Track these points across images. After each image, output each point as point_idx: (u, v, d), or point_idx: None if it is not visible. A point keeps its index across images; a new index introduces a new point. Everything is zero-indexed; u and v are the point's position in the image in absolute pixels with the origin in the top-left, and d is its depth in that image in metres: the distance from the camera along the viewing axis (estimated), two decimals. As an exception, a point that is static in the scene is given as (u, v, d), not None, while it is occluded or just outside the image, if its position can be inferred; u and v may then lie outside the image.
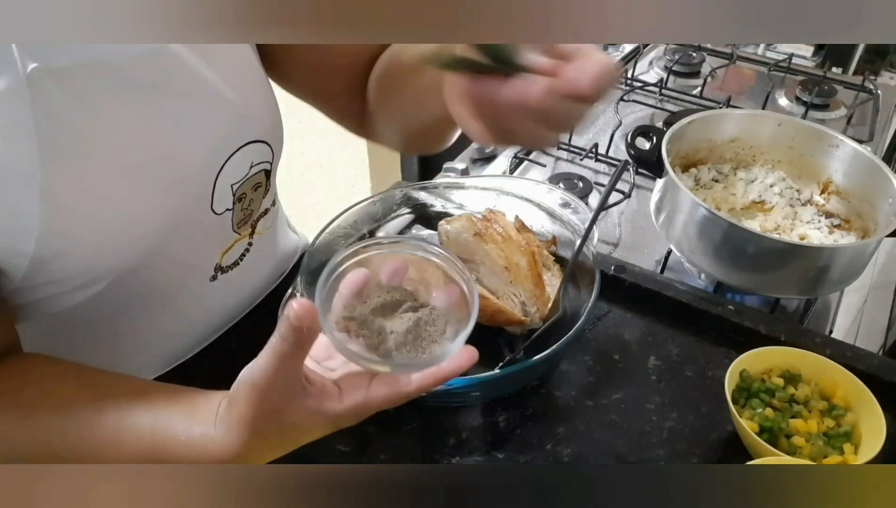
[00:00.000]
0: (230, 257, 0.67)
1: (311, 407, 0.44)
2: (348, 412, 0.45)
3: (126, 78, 0.51)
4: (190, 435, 0.47)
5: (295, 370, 0.43)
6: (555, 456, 0.62)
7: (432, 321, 0.48)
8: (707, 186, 0.89)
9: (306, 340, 0.41)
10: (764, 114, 0.92)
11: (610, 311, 0.76)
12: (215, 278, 0.66)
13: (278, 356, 0.41)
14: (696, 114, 0.85)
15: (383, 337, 0.47)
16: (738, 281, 0.76)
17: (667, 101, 1.24)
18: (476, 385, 0.61)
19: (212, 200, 0.60)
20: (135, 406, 0.50)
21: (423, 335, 0.47)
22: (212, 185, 0.59)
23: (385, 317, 0.48)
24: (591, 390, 0.68)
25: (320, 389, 0.44)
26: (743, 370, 0.64)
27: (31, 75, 0.45)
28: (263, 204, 0.68)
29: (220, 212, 0.62)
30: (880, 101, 1.27)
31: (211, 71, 0.57)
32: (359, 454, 0.62)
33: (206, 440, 0.46)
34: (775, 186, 0.88)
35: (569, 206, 0.78)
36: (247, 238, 0.68)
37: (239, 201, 0.63)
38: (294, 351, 0.41)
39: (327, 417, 0.44)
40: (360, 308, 0.47)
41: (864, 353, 0.69)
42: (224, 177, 0.60)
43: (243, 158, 0.61)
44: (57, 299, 0.54)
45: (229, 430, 0.45)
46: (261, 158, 0.64)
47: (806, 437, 0.60)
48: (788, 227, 0.84)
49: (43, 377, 0.53)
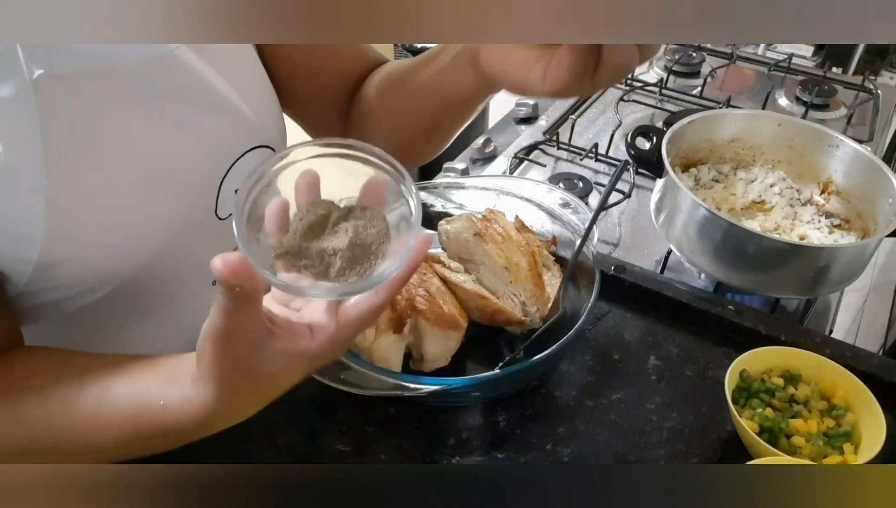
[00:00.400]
0: None
1: (282, 349, 0.42)
2: (324, 347, 0.43)
3: (131, 84, 0.51)
4: (168, 399, 0.45)
5: (252, 318, 0.41)
6: (555, 456, 0.62)
7: (371, 222, 0.44)
8: (707, 187, 0.89)
9: (250, 293, 0.39)
10: (764, 114, 0.92)
11: (610, 311, 0.76)
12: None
13: (224, 312, 0.40)
14: (696, 114, 0.85)
15: (328, 260, 0.43)
16: (738, 281, 0.76)
17: (667, 101, 1.24)
18: (476, 385, 0.61)
19: (216, 205, 0.60)
20: (114, 380, 0.48)
21: (369, 241, 0.43)
22: (216, 190, 0.60)
23: (319, 238, 0.43)
24: (591, 390, 0.68)
25: (288, 330, 0.43)
26: (743, 370, 0.64)
27: (37, 82, 0.45)
28: None
29: (224, 217, 0.62)
30: (880, 101, 1.27)
31: (216, 76, 0.57)
32: (359, 454, 0.62)
33: (185, 401, 0.45)
34: (775, 186, 0.88)
35: (569, 206, 0.78)
36: None
37: None
38: (240, 304, 0.39)
39: (303, 356, 0.43)
40: (287, 239, 0.43)
41: (864, 353, 0.69)
42: (228, 182, 0.60)
43: (248, 164, 0.62)
44: (60, 303, 0.54)
45: (205, 386, 0.43)
46: None
47: (806, 437, 0.60)
48: (788, 227, 0.84)
49: (30, 362, 0.52)
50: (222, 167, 0.59)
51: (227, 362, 0.42)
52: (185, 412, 0.45)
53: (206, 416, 0.44)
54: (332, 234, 0.43)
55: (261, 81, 0.64)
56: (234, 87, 0.59)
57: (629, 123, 1.17)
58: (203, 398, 0.44)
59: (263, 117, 0.63)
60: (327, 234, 0.44)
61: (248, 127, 0.61)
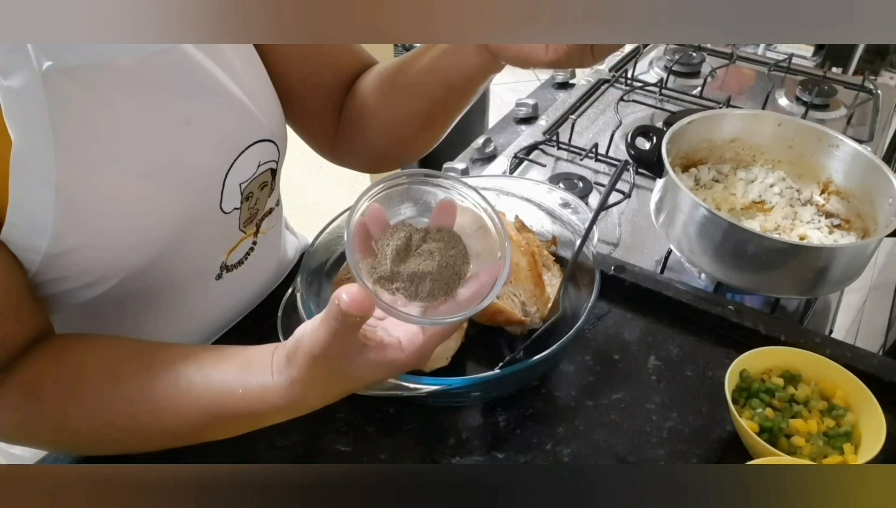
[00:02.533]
0: (235, 255, 0.67)
1: (374, 360, 0.46)
2: (413, 357, 0.47)
3: (137, 77, 0.52)
4: (248, 387, 0.49)
5: (350, 339, 0.44)
6: (555, 456, 0.62)
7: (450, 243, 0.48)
8: (707, 187, 0.89)
9: (357, 324, 0.43)
10: (764, 114, 0.92)
11: (610, 311, 0.76)
12: (220, 276, 0.67)
13: (333, 334, 0.43)
14: (696, 114, 0.85)
15: (417, 282, 0.47)
16: (738, 281, 0.76)
17: (667, 101, 1.24)
18: (476, 385, 0.61)
19: (221, 198, 0.61)
20: (185, 367, 0.51)
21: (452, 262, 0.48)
22: (221, 184, 0.60)
23: (406, 261, 0.47)
24: (591, 390, 0.68)
25: (379, 343, 0.46)
26: (743, 370, 0.64)
27: (46, 73, 0.46)
28: (268, 203, 0.69)
29: (229, 211, 0.62)
30: (880, 101, 1.27)
31: (220, 71, 0.58)
32: (359, 454, 0.62)
33: (265, 390, 0.48)
34: (775, 186, 0.88)
35: (569, 206, 0.78)
36: (251, 237, 0.68)
37: (246, 199, 0.64)
38: (350, 330, 0.43)
39: (392, 365, 0.47)
40: (380, 264, 0.47)
41: (864, 353, 0.69)
42: (233, 176, 0.61)
43: (251, 157, 0.62)
44: (65, 296, 0.55)
45: (291, 384, 0.47)
46: (268, 158, 0.64)
47: (806, 437, 0.60)
48: (788, 227, 0.84)
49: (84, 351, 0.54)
50: (227, 161, 0.60)
51: (320, 372, 0.46)
52: (264, 400, 0.49)
53: (286, 406, 0.48)
54: (418, 256, 0.47)
55: (262, 76, 0.65)
56: (236, 81, 0.59)
57: (629, 123, 1.17)
58: (287, 392, 0.48)
59: (265, 112, 0.63)
60: (413, 256, 0.47)
61: (252, 121, 0.61)
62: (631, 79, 1.29)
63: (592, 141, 1.09)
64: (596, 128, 1.18)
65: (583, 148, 1.08)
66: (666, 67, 1.32)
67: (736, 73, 1.37)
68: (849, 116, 1.21)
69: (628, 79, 1.29)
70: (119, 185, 0.52)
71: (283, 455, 0.62)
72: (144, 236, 0.55)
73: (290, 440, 0.63)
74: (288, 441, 0.63)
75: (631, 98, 1.24)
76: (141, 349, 0.54)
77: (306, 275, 0.67)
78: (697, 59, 1.36)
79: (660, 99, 1.25)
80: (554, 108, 1.21)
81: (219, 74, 0.58)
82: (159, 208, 0.55)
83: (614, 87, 1.28)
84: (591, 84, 1.28)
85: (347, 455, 0.62)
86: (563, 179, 1.01)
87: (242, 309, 0.74)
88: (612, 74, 1.30)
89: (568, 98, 1.24)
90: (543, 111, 1.21)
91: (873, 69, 2.05)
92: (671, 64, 1.31)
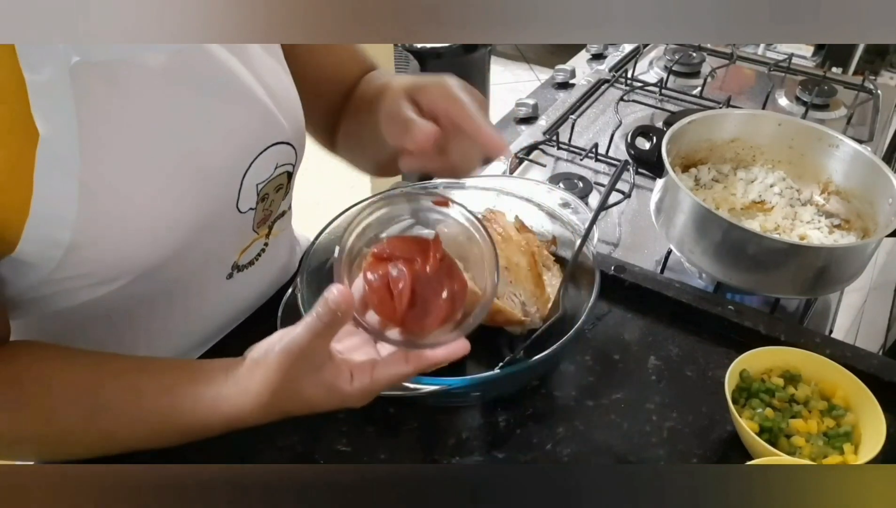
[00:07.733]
0: (247, 256, 0.68)
1: (326, 382, 0.48)
2: (356, 393, 0.49)
3: (162, 74, 0.53)
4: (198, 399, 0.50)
5: (324, 345, 0.47)
6: (555, 456, 0.62)
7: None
8: (707, 187, 0.89)
9: (339, 322, 0.46)
10: (764, 114, 0.92)
11: (610, 311, 0.76)
12: (231, 275, 0.67)
13: (312, 332, 0.46)
14: (696, 114, 0.85)
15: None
16: (738, 281, 0.76)
17: (667, 101, 1.24)
18: (476, 385, 0.61)
19: (238, 197, 0.61)
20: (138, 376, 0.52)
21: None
22: (239, 183, 0.61)
23: None
24: (591, 390, 0.68)
25: (337, 367, 0.48)
26: (743, 370, 0.64)
27: (74, 68, 0.47)
28: (282, 206, 0.69)
29: (245, 211, 0.63)
30: (880, 101, 1.27)
31: (244, 71, 0.59)
32: (359, 454, 0.62)
33: (219, 400, 0.49)
34: (775, 186, 0.88)
35: (569, 206, 0.78)
36: (263, 238, 0.69)
37: (262, 200, 0.65)
38: (326, 330, 0.46)
39: (339, 394, 0.49)
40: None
41: (864, 353, 0.69)
42: (250, 176, 0.61)
43: (269, 159, 0.62)
44: (81, 291, 0.55)
45: (246, 391, 0.48)
46: (285, 160, 0.65)
47: (806, 437, 0.60)
48: (788, 227, 0.84)
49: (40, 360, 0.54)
50: (245, 160, 0.61)
51: (288, 375, 0.47)
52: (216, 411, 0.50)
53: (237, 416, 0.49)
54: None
55: (285, 78, 0.65)
56: (260, 82, 0.60)
57: (629, 123, 1.17)
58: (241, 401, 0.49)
59: (287, 115, 0.64)
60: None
61: (273, 123, 0.62)
62: (631, 79, 1.29)
63: (592, 141, 1.09)
64: (596, 128, 1.17)
65: (583, 148, 1.08)
66: (666, 66, 1.32)
67: (736, 73, 1.37)
68: (849, 116, 1.21)
69: (628, 79, 1.29)
70: (140, 179, 0.53)
71: (283, 455, 0.62)
72: (162, 230, 0.55)
73: (290, 440, 0.63)
74: (288, 441, 0.63)
75: (631, 98, 1.24)
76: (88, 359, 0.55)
77: (306, 275, 0.67)
78: (697, 59, 1.36)
79: (660, 99, 1.24)
80: (554, 108, 1.21)
81: (243, 74, 0.58)
82: (178, 204, 0.56)
83: (614, 87, 1.28)
84: (591, 84, 1.28)
85: (347, 455, 0.62)
86: (563, 179, 1.01)
87: (247, 310, 0.74)
88: (613, 74, 1.30)
89: (568, 98, 1.24)
90: (543, 111, 1.21)
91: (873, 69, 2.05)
92: (671, 64, 1.31)
